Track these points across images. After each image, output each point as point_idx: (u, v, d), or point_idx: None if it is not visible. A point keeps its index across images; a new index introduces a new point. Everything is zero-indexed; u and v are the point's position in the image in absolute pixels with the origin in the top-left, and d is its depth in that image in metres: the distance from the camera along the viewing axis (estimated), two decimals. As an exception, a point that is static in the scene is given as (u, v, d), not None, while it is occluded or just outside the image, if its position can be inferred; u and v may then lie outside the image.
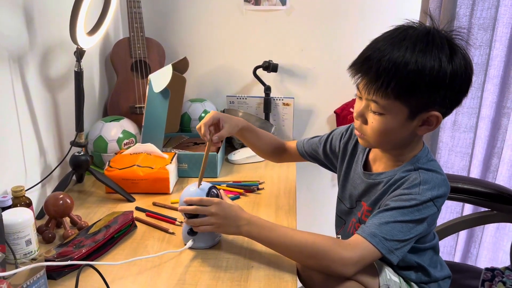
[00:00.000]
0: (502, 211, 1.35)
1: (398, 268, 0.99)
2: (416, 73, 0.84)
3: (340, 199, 1.14)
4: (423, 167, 0.94)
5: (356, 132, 0.99)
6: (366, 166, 1.06)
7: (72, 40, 1.13)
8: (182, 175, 1.42)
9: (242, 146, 1.61)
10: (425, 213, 0.90)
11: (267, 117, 1.77)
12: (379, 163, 1.03)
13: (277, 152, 1.29)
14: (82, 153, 1.29)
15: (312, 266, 0.92)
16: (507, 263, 1.33)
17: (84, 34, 1.15)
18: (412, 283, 1.01)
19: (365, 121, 0.94)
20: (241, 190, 1.32)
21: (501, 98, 1.64)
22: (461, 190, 1.38)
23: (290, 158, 1.30)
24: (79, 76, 1.20)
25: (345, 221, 1.12)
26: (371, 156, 1.06)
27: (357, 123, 0.97)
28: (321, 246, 0.88)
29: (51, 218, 1.10)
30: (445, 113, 0.91)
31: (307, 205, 2.01)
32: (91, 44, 1.21)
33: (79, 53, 1.17)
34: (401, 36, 0.88)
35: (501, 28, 1.57)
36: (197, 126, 1.09)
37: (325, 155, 1.20)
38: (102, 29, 1.23)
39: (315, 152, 1.23)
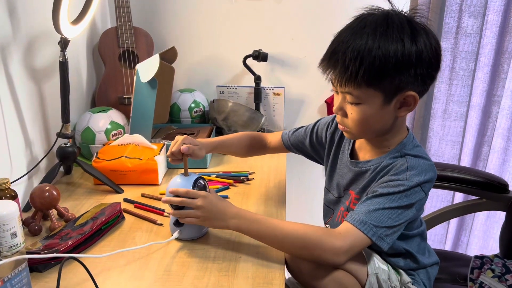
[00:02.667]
0: (491, 199, 1.36)
1: (386, 255, 1.00)
2: (381, 58, 0.85)
3: (327, 189, 1.14)
4: (409, 153, 0.95)
5: (339, 126, 0.99)
6: (353, 154, 1.06)
7: (55, 29, 1.11)
8: (172, 166, 1.41)
9: (232, 136, 1.60)
10: (413, 198, 0.90)
11: (257, 107, 1.76)
12: (365, 151, 1.03)
13: (257, 149, 1.28)
14: (69, 145, 1.27)
15: (303, 257, 0.91)
16: (497, 251, 1.33)
17: (68, 23, 1.13)
18: (401, 270, 1.01)
19: (345, 114, 0.95)
20: (231, 181, 1.32)
21: (492, 87, 1.64)
22: (451, 178, 1.38)
23: (275, 150, 1.29)
24: (64, 66, 1.18)
25: (333, 210, 1.12)
26: (357, 144, 1.06)
27: (338, 117, 0.97)
28: (312, 236, 0.88)
29: (37, 210, 1.08)
30: (422, 91, 0.92)
31: (298, 196, 2.01)
32: (76, 33, 1.18)
33: (64, 43, 1.15)
34: (361, 24, 0.89)
35: (492, 15, 1.56)
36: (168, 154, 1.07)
37: (311, 146, 1.19)
38: (87, 18, 1.21)
39: (301, 144, 1.22)
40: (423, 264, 1.03)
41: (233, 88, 1.78)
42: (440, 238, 1.91)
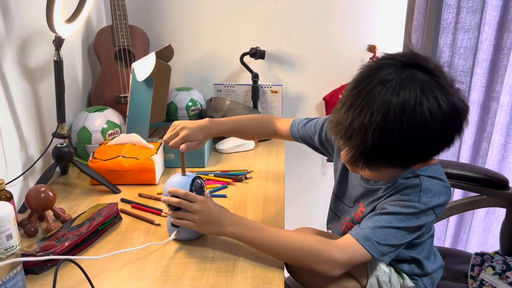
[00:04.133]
0: (491, 196, 1.35)
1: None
2: (401, 153, 0.79)
3: (337, 197, 1.11)
4: (423, 174, 0.90)
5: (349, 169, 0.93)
6: None
7: (49, 28, 1.09)
8: (169, 166, 1.39)
9: (230, 135, 1.59)
10: (423, 220, 0.87)
11: (255, 105, 1.75)
12: None
13: (266, 134, 1.25)
14: (65, 145, 1.26)
15: (300, 267, 0.90)
16: (497, 247, 1.33)
17: (63, 21, 1.11)
18: (404, 274, 0.99)
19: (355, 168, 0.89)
20: (229, 180, 1.30)
21: (490, 82, 1.63)
22: (451, 175, 1.37)
23: (283, 138, 1.25)
24: (58, 65, 1.16)
25: (339, 218, 1.10)
26: None
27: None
28: (309, 248, 0.87)
29: (33, 211, 1.07)
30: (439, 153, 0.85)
31: (297, 195, 2.00)
32: (70, 32, 1.17)
33: (58, 42, 1.14)
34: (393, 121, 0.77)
35: (490, 11, 1.55)
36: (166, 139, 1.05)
37: (320, 143, 1.14)
38: (82, 16, 1.19)
39: (310, 138, 1.17)
40: (427, 271, 1.01)
41: (230, 86, 1.76)
42: (439, 235, 1.90)
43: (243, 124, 1.20)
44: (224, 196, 1.22)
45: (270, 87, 1.77)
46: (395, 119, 0.75)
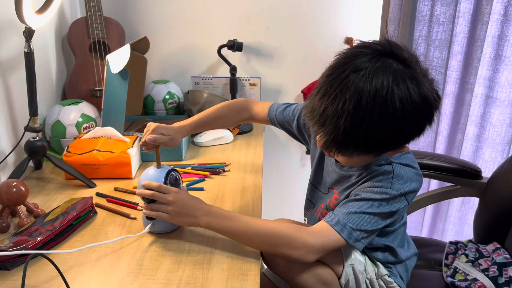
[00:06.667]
0: (465, 186, 1.38)
1: (364, 248, 0.99)
2: (374, 139, 0.81)
3: (313, 185, 1.12)
4: (396, 161, 0.92)
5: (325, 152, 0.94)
6: None
7: (19, 18, 1.06)
8: (146, 159, 1.38)
9: (208, 128, 1.58)
10: (395, 206, 0.89)
11: (233, 98, 1.74)
12: None
13: (241, 119, 1.25)
14: (37, 139, 1.23)
15: (275, 254, 0.90)
16: (472, 236, 1.36)
17: (33, 12, 1.09)
18: (378, 263, 1.01)
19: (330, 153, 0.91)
20: (207, 173, 1.30)
21: (465, 74, 1.65)
22: (426, 166, 1.39)
23: (260, 121, 1.25)
24: (29, 57, 1.13)
25: (314, 205, 1.11)
26: None
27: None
28: (283, 234, 0.87)
29: (5, 207, 1.05)
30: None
31: (276, 185, 2.00)
32: (41, 23, 1.14)
33: (28, 33, 1.11)
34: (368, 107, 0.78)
35: (464, 3, 1.57)
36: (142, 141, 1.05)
37: (298, 129, 1.15)
38: (53, 7, 1.17)
39: (288, 124, 1.18)
40: (401, 259, 1.03)
41: (208, 79, 1.75)
42: (416, 225, 1.93)
43: (215, 114, 1.19)
44: (201, 189, 1.21)
45: (249, 80, 1.76)
46: (366, 108, 0.76)
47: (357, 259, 0.96)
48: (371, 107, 0.76)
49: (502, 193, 1.23)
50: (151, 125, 1.05)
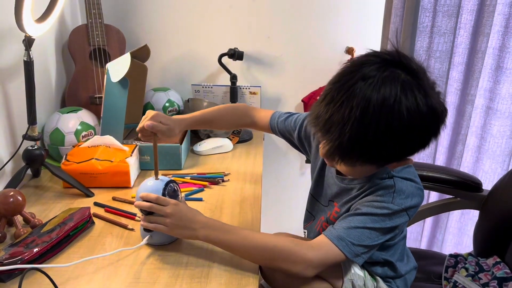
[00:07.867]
0: (465, 198, 1.37)
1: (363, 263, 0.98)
2: (378, 149, 0.80)
3: (314, 197, 1.11)
4: (397, 175, 0.91)
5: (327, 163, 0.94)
6: None
7: (18, 27, 1.06)
8: (145, 168, 1.37)
9: (208, 136, 1.57)
10: (397, 221, 0.88)
11: (233, 106, 1.73)
12: None
13: (242, 124, 1.25)
14: (36, 147, 1.22)
15: (274, 268, 0.89)
16: (471, 248, 1.35)
17: (33, 21, 1.08)
18: (377, 277, 1.00)
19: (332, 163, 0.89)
20: (206, 183, 1.29)
21: (466, 86, 1.65)
22: (426, 178, 1.38)
23: (261, 129, 1.24)
24: (29, 65, 1.13)
25: (314, 217, 1.10)
26: None
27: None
28: (283, 248, 0.86)
29: (1, 216, 1.04)
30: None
31: (276, 196, 1.99)
32: (41, 31, 1.14)
33: (28, 41, 1.10)
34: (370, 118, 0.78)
35: (465, 15, 1.57)
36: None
37: (299, 140, 1.14)
38: (53, 16, 1.16)
39: (289, 134, 1.17)
40: (400, 273, 1.02)
41: (208, 87, 1.75)
42: (415, 236, 1.92)
43: (217, 113, 1.19)
44: (200, 199, 1.21)
45: (249, 88, 1.76)
46: (373, 115, 0.75)
47: (357, 273, 0.95)
48: (378, 115, 0.75)
49: (503, 207, 1.22)
50: (150, 112, 1.04)
